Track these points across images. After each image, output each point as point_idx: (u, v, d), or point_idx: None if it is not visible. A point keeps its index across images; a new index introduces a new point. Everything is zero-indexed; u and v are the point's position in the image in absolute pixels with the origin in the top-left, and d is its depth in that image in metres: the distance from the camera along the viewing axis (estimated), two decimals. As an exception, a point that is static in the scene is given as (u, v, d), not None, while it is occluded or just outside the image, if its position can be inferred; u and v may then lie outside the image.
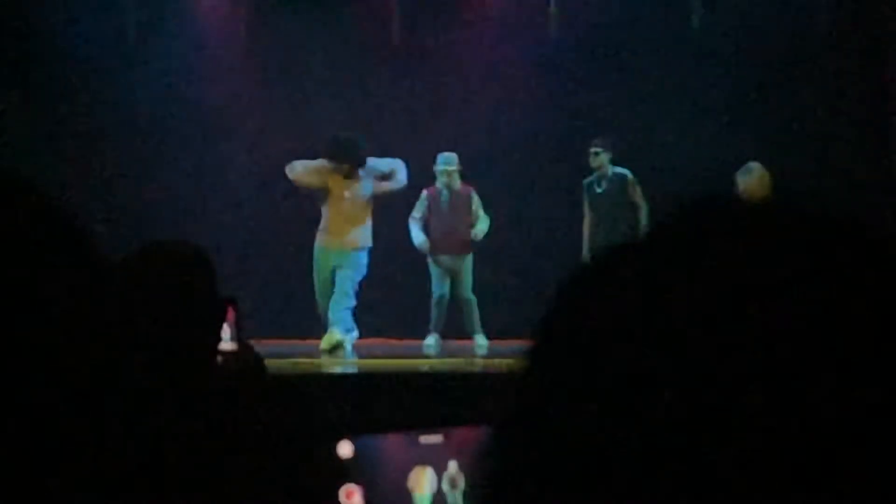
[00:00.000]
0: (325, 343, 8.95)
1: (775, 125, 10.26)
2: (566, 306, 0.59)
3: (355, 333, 9.21)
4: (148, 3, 10.96)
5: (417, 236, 9.60)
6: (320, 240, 9.31)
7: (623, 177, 9.49)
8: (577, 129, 10.31)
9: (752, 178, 8.48)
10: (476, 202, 9.65)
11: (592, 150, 9.53)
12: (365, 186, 9.25)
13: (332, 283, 9.20)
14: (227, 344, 2.66)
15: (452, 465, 2.80)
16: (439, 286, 9.63)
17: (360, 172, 9.24)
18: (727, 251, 0.55)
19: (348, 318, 9.15)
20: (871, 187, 9.90)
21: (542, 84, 10.78)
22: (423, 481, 2.78)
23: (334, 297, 9.13)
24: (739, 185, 8.49)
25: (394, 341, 9.82)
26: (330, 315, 9.10)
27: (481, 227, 9.58)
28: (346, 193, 9.20)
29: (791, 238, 0.55)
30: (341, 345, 8.98)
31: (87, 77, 10.64)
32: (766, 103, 10.45)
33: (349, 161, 9.15)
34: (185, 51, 10.99)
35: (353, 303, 9.18)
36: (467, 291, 9.58)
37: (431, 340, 9.61)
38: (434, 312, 9.64)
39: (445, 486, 2.86)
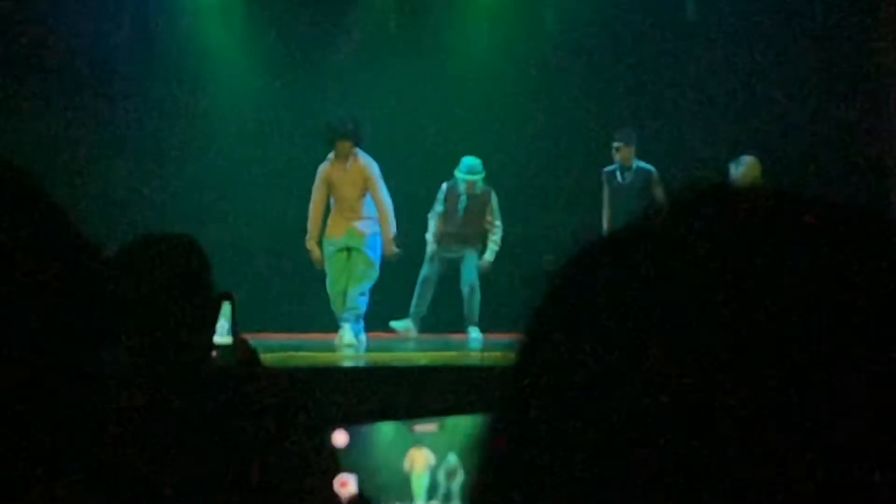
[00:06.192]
0: (343, 340, 8.93)
1: (772, 119, 10.25)
2: (556, 297, 0.59)
3: (363, 337, 9.17)
4: (148, 1, 10.95)
5: (433, 233, 9.52)
6: (327, 232, 9.17)
7: (648, 171, 9.37)
8: (576, 126, 10.31)
9: (744, 170, 8.49)
10: (494, 204, 9.53)
11: (615, 144, 9.40)
12: (362, 167, 9.05)
13: (345, 270, 9.08)
14: (222, 338, 2.65)
15: (452, 458, 2.81)
16: (429, 266, 9.57)
17: (358, 153, 9.06)
18: (718, 239, 0.55)
19: (362, 305, 9.06)
20: (868, 180, 9.91)
21: (541, 81, 10.77)
22: (418, 469, 2.79)
23: (349, 286, 9.04)
24: (732, 177, 8.48)
25: (390, 334, 9.79)
26: (345, 303, 9.05)
27: (496, 238, 9.50)
28: (345, 176, 9.04)
29: (783, 223, 0.55)
30: (352, 344, 8.95)
31: (86, 75, 10.63)
32: (761, 97, 10.45)
33: (347, 136, 8.96)
34: (185, 48, 10.98)
35: (366, 295, 9.09)
36: (472, 275, 9.48)
37: (404, 324, 9.58)
38: (417, 291, 9.56)
39: (441, 477, 2.87)
